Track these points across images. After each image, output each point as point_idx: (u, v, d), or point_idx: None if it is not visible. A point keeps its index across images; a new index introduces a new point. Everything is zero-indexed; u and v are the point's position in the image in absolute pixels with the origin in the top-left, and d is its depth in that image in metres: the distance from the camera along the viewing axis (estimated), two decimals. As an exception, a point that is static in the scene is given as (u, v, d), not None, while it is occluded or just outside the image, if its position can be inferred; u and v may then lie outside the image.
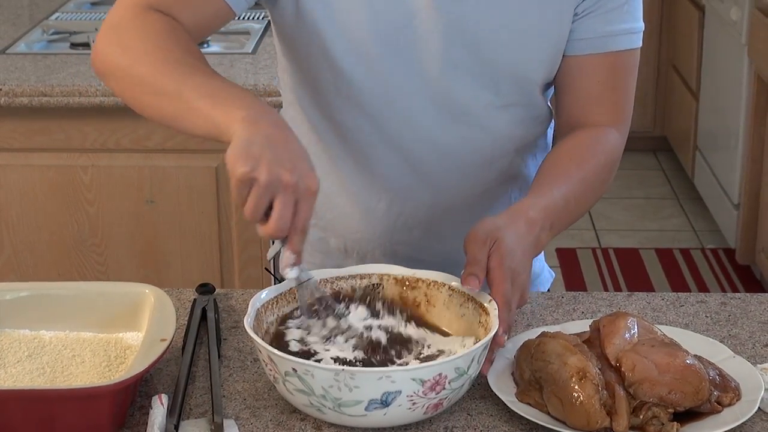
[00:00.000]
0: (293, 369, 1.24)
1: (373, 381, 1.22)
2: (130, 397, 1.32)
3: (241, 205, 1.25)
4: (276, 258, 1.40)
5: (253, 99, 1.32)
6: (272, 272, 1.80)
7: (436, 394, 1.25)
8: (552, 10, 1.53)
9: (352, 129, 1.60)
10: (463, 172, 1.62)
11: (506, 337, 1.35)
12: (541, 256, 1.78)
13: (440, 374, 1.23)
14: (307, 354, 1.31)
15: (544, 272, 1.79)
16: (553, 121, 1.70)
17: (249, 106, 1.29)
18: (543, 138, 1.69)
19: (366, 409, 1.23)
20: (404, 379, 1.22)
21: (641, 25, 1.59)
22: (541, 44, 1.54)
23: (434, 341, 1.37)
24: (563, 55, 1.57)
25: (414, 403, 1.24)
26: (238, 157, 1.23)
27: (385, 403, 1.23)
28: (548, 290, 1.80)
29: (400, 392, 1.23)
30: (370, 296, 1.43)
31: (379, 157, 1.61)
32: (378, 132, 1.59)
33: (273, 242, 1.31)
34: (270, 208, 1.25)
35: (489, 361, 1.34)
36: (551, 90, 1.65)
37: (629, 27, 1.57)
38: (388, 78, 1.55)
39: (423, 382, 1.23)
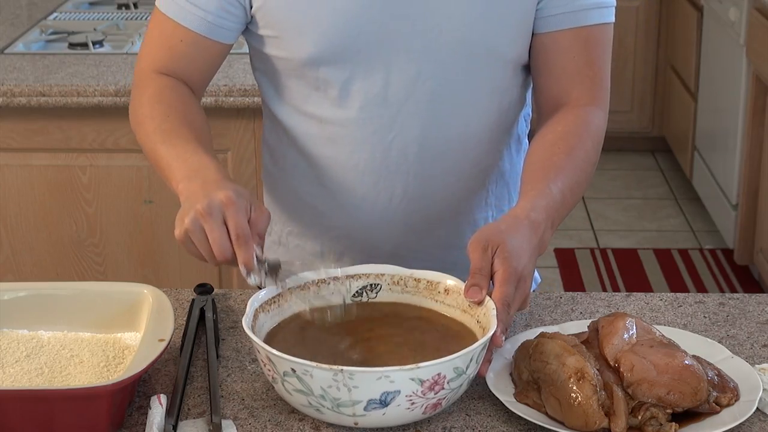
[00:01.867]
0: (292, 369, 1.24)
1: (372, 381, 1.22)
2: (128, 398, 1.32)
3: (200, 257, 1.38)
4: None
5: (191, 164, 1.46)
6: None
7: (435, 394, 1.25)
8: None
9: (326, 123, 1.61)
10: (438, 162, 1.62)
11: (504, 338, 1.35)
12: None
13: (439, 374, 1.24)
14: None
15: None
16: (528, 112, 1.71)
17: (191, 172, 1.45)
18: (516, 127, 1.69)
19: (365, 409, 1.24)
20: (403, 379, 1.22)
21: (612, 0, 1.59)
22: (509, 20, 1.55)
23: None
24: (536, 33, 1.58)
25: (413, 403, 1.24)
26: (175, 224, 1.39)
27: (384, 403, 1.23)
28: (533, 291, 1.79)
29: (399, 392, 1.23)
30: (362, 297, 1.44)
31: (354, 151, 1.61)
32: (351, 126, 1.59)
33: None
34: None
35: (487, 361, 1.34)
36: (529, 80, 1.65)
37: (599, 1, 1.57)
38: (356, 69, 1.56)
39: (422, 382, 1.23)
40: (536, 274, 1.81)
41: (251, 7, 1.57)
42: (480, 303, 1.36)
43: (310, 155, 1.65)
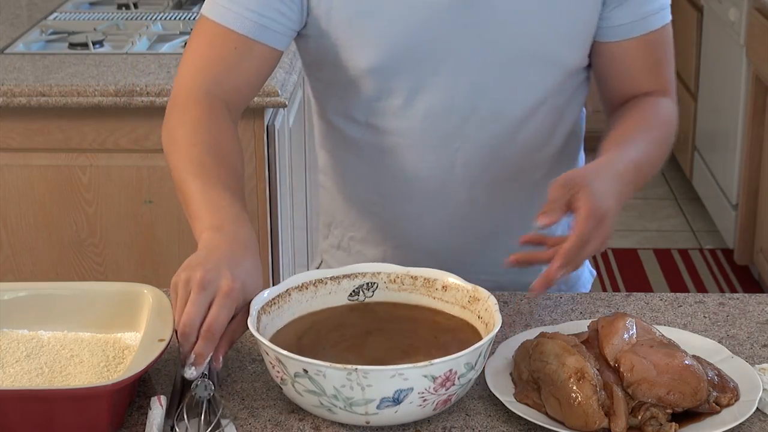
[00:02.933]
0: (304, 370, 1.24)
1: (385, 379, 1.22)
2: (128, 398, 1.32)
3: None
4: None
5: (225, 215, 1.39)
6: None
7: (446, 390, 1.26)
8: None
9: (388, 133, 1.60)
10: (504, 170, 1.62)
11: (560, 274, 1.36)
12: None
13: (451, 370, 1.24)
14: None
15: (585, 273, 1.79)
16: (584, 116, 1.72)
17: (221, 223, 1.37)
18: (579, 131, 1.70)
19: (378, 407, 1.24)
20: (416, 376, 1.23)
21: (668, 0, 1.64)
22: (572, 30, 1.56)
23: None
24: (600, 42, 1.60)
25: (425, 400, 1.25)
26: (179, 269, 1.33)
27: (396, 400, 1.24)
28: (589, 291, 1.79)
29: (412, 389, 1.23)
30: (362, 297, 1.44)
31: (417, 160, 1.60)
32: (414, 135, 1.58)
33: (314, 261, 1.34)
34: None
35: (546, 278, 1.36)
36: (585, 82, 1.66)
37: (659, 5, 1.62)
38: (420, 80, 1.55)
39: (434, 379, 1.24)
40: (590, 269, 1.81)
41: (308, 11, 1.53)
42: (549, 223, 1.37)
43: (370, 164, 1.63)
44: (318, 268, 1.80)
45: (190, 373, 1.28)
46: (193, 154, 1.48)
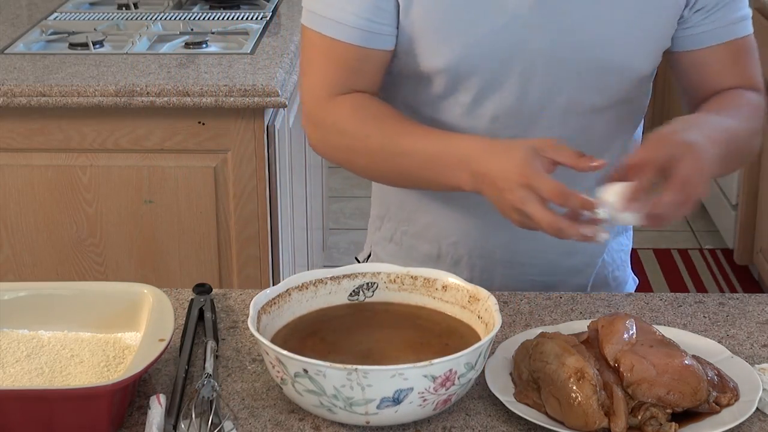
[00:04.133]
0: (304, 370, 1.24)
1: (385, 379, 1.22)
2: (128, 397, 1.32)
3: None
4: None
5: (466, 144, 1.46)
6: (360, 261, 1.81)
7: (446, 389, 1.26)
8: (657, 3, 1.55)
9: (450, 129, 1.59)
10: (560, 172, 1.61)
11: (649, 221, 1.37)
12: (627, 264, 1.79)
13: (451, 370, 1.24)
14: None
15: (630, 278, 1.79)
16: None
17: (464, 157, 1.44)
18: (640, 132, 1.70)
19: (378, 407, 1.24)
20: (416, 375, 1.23)
21: (750, 11, 1.63)
22: (646, 40, 1.56)
23: None
24: (684, 51, 1.60)
25: (425, 400, 1.25)
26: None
27: (396, 400, 1.24)
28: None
29: (412, 389, 1.23)
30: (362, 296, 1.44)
31: None
32: (479, 131, 1.57)
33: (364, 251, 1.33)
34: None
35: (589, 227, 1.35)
36: (650, 86, 1.67)
37: (743, 14, 1.60)
38: (492, 80, 1.54)
39: (434, 378, 1.24)
40: (633, 278, 1.81)
41: (399, 7, 1.53)
42: (635, 169, 1.36)
43: None
44: (366, 260, 1.80)
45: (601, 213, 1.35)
46: (379, 126, 1.52)
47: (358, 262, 1.84)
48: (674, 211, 1.36)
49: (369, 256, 1.80)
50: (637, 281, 1.84)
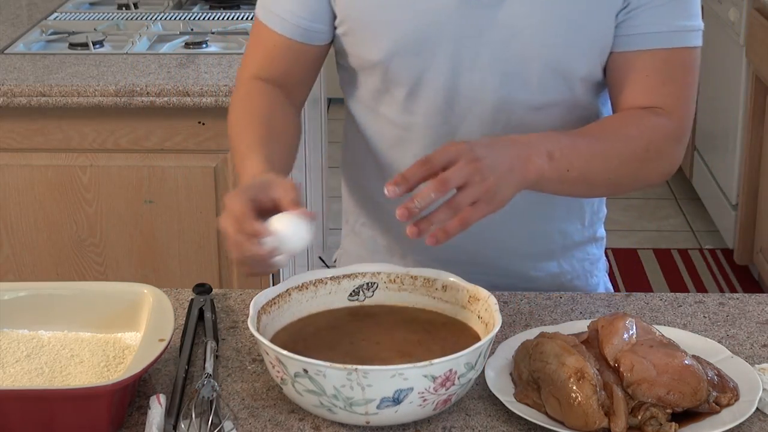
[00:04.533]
0: (304, 370, 1.24)
1: (386, 379, 1.22)
2: (128, 397, 1.32)
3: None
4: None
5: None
6: (326, 264, 1.85)
7: (446, 390, 1.26)
8: (594, 1, 1.52)
9: (394, 125, 1.62)
10: None
11: (410, 209, 1.33)
12: (601, 272, 1.77)
13: (451, 370, 1.24)
14: None
15: (599, 289, 1.77)
16: None
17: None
18: None
19: (378, 407, 1.24)
20: (416, 375, 1.23)
21: (699, 23, 1.54)
22: (583, 37, 1.53)
23: None
24: (614, 52, 1.54)
25: (425, 400, 1.25)
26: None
27: (396, 400, 1.24)
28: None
29: (412, 389, 1.23)
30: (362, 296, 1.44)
31: (418, 155, 1.60)
32: (416, 130, 1.60)
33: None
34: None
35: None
36: (603, 95, 1.63)
37: (683, 24, 1.52)
38: (422, 76, 1.56)
39: (434, 379, 1.24)
40: (608, 285, 1.80)
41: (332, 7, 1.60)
42: (392, 193, 1.35)
43: (378, 154, 1.66)
44: (339, 253, 1.83)
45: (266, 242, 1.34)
46: (246, 120, 1.59)
47: (321, 260, 1.87)
48: (443, 215, 1.33)
49: (340, 249, 1.82)
50: (611, 290, 1.79)
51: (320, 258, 1.89)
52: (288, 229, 1.34)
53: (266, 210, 1.35)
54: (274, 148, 1.53)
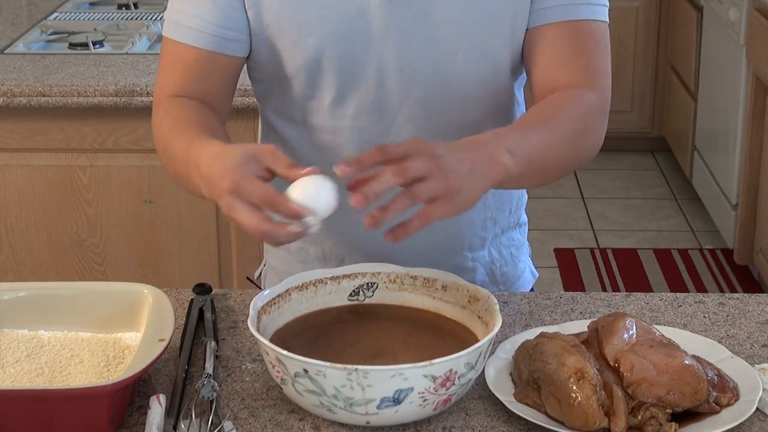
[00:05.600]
0: (304, 370, 1.24)
1: (386, 379, 1.22)
2: (128, 397, 1.32)
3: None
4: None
5: (197, 153, 1.40)
6: (257, 285, 1.81)
7: (446, 390, 1.26)
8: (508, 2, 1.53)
9: (320, 131, 1.60)
10: None
11: (369, 200, 1.28)
12: (525, 256, 1.78)
13: (451, 370, 1.24)
14: None
15: (526, 273, 1.78)
16: (523, 111, 1.69)
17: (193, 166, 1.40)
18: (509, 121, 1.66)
19: (378, 407, 1.24)
20: (416, 375, 1.23)
21: (605, 0, 1.57)
22: (506, 23, 1.54)
23: None
24: (528, 27, 1.55)
25: (425, 400, 1.25)
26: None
27: (397, 400, 1.24)
28: (531, 290, 1.79)
29: (412, 389, 1.23)
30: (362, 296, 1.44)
31: (346, 153, 1.61)
32: (345, 133, 1.59)
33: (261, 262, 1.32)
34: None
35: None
36: (521, 79, 1.64)
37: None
38: (349, 78, 1.55)
39: (434, 378, 1.24)
40: (532, 271, 1.80)
41: (248, 15, 1.55)
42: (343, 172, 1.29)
43: (304, 162, 1.64)
44: (262, 269, 1.80)
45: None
46: (175, 127, 1.51)
47: (250, 280, 1.85)
48: (400, 204, 1.28)
49: (264, 264, 1.80)
50: (536, 275, 1.80)
51: (248, 278, 1.87)
52: (314, 196, 1.28)
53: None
54: (221, 137, 1.47)
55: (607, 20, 1.58)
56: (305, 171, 1.29)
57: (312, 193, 1.28)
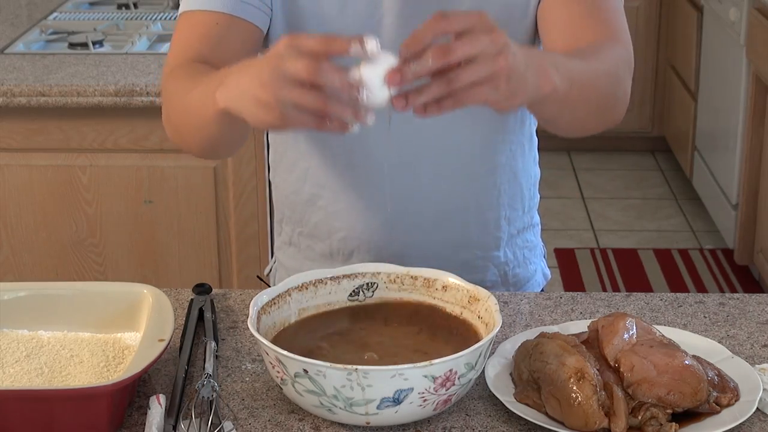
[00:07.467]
0: (304, 370, 1.24)
1: (386, 379, 1.22)
2: (128, 398, 1.32)
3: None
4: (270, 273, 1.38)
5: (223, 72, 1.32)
6: (266, 283, 1.81)
7: (446, 390, 1.26)
8: None
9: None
10: (444, 161, 1.61)
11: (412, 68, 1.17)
12: (538, 258, 1.77)
13: (451, 370, 1.24)
14: None
15: (537, 274, 1.78)
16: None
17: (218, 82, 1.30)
18: (526, 125, 1.67)
19: (378, 407, 1.24)
20: (416, 376, 1.23)
21: None
22: (516, 11, 1.54)
23: None
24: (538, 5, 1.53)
25: (425, 400, 1.25)
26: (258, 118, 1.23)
27: (397, 401, 1.24)
28: (542, 290, 1.79)
29: (412, 389, 1.23)
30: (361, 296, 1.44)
31: (358, 152, 1.61)
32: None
33: (272, 259, 1.31)
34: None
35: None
36: None
37: None
38: None
39: (434, 379, 1.24)
40: (544, 273, 1.80)
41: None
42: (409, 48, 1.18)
43: (311, 157, 1.64)
44: (272, 266, 1.81)
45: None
46: (192, 79, 1.44)
47: (261, 279, 1.84)
48: (439, 87, 1.18)
49: (275, 262, 1.80)
50: (549, 277, 1.80)
51: (258, 277, 1.87)
52: (372, 67, 1.17)
53: None
54: None
55: None
56: (352, 39, 1.17)
57: (371, 64, 1.17)
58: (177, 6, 3.20)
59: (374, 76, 1.17)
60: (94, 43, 2.77)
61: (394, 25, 1.53)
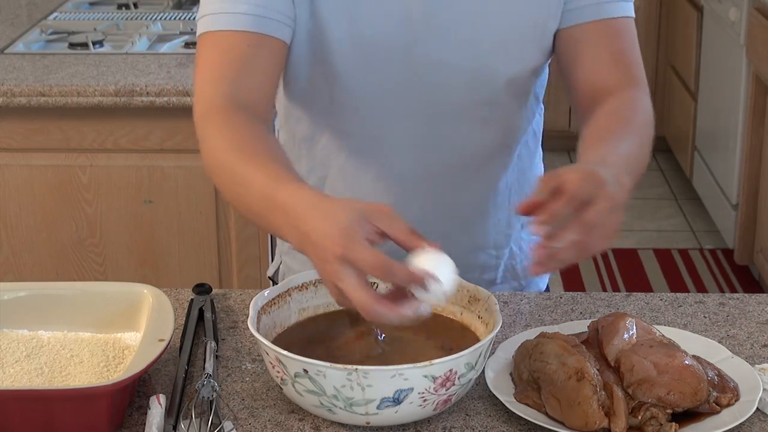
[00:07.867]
0: (304, 370, 1.24)
1: (386, 379, 1.22)
2: (128, 398, 1.32)
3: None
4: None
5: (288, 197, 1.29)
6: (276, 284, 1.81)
7: (446, 390, 1.26)
8: (540, 4, 1.54)
9: (344, 135, 1.60)
10: (464, 169, 1.62)
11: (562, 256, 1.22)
12: None
13: (451, 370, 1.24)
14: None
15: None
16: (541, 113, 1.71)
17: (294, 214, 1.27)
18: (530, 128, 1.68)
19: (378, 407, 1.24)
20: (416, 376, 1.23)
21: None
22: (534, 25, 1.55)
23: None
24: (562, 28, 1.57)
25: (425, 400, 1.25)
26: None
27: (397, 400, 1.24)
28: (547, 288, 1.80)
29: (412, 389, 1.23)
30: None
31: (378, 164, 1.61)
32: (370, 137, 1.59)
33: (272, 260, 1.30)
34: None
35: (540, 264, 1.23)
36: (544, 77, 1.65)
37: None
38: (382, 82, 1.55)
39: (434, 379, 1.24)
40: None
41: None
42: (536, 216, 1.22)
43: (329, 167, 1.64)
44: (277, 269, 1.80)
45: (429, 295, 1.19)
46: (241, 151, 1.42)
47: (270, 279, 1.84)
48: (571, 254, 1.23)
49: (280, 265, 1.79)
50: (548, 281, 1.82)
51: (270, 278, 1.87)
52: (436, 272, 1.19)
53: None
54: (291, 166, 1.39)
55: (634, 15, 1.60)
56: (430, 242, 1.21)
57: (433, 268, 1.20)
58: (177, 6, 3.21)
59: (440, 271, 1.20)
60: (94, 43, 2.77)
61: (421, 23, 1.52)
